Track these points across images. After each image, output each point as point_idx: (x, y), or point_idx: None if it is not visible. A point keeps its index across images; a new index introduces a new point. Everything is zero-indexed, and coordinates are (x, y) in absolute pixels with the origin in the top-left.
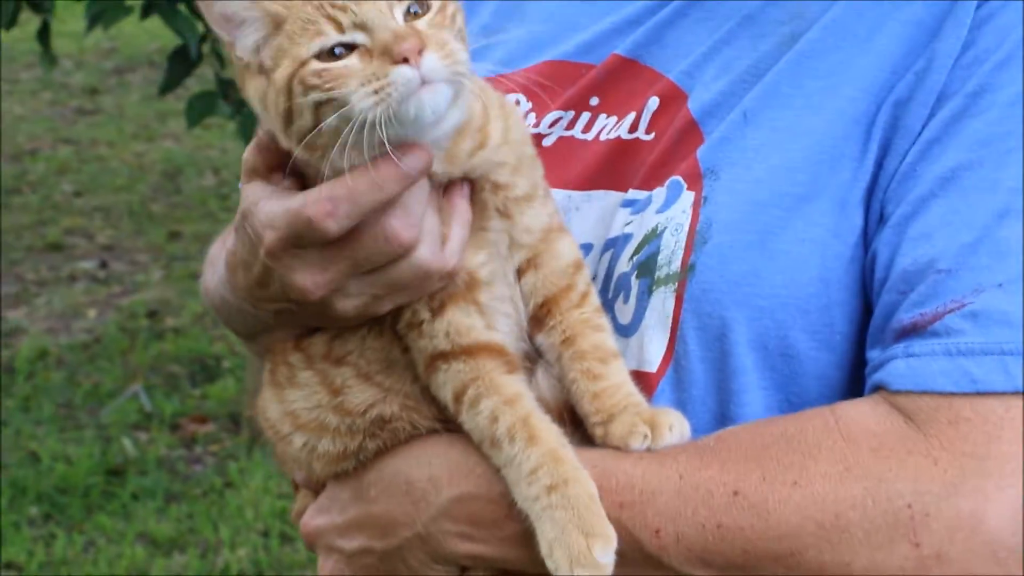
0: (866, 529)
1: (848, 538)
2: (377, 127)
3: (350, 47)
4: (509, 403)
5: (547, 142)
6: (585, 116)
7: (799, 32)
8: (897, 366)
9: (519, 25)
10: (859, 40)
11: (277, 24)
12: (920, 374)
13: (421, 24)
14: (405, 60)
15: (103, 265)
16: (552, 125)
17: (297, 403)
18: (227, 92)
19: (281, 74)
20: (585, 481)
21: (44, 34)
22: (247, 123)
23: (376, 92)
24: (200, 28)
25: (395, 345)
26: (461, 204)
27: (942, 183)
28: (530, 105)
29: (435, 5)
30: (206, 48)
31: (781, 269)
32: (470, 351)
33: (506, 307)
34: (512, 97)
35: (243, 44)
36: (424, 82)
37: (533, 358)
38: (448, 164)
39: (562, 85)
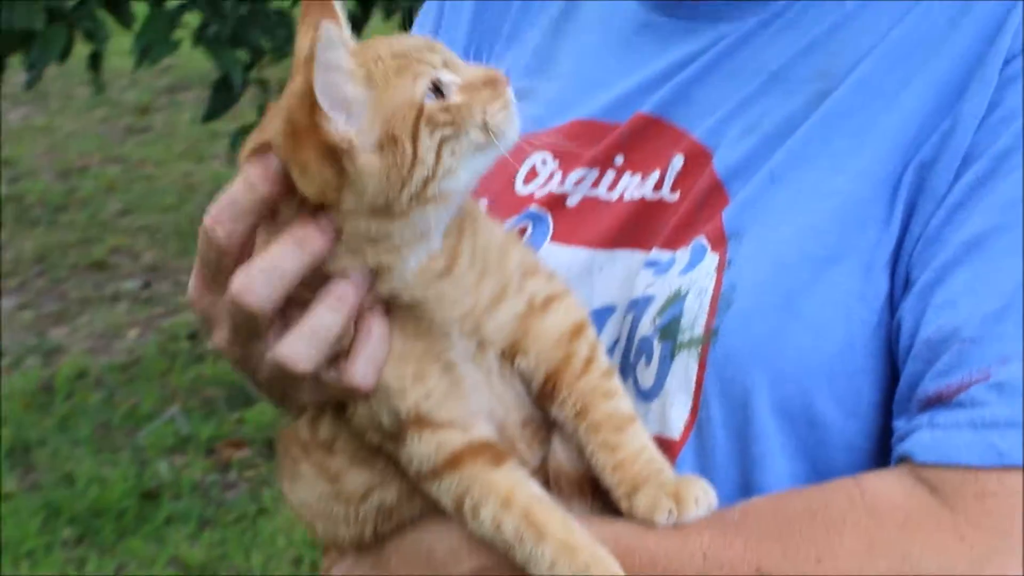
0: None
1: None
2: (494, 146)
3: (439, 89)
4: (506, 504)
5: (571, 202)
6: (610, 175)
7: (827, 90)
8: (922, 437)
9: (548, 83)
10: (886, 98)
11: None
12: (945, 446)
13: None
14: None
15: (147, 285)
16: (577, 184)
17: (306, 494)
18: None
19: (405, 124)
20: (606, 562)
21: (95, 62)
22: None
23: (502, 110)
24: (245, 58)
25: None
26: (373, 321)
27: (967, 248)
28: (556, 164)
29: None
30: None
31: (806, 332)
32: (452, 463)
33: (480, 395)
34: (539, 156)
35: (350, 122)
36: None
37: (545, 426)
38: (402, 280)
39: (589, 144)
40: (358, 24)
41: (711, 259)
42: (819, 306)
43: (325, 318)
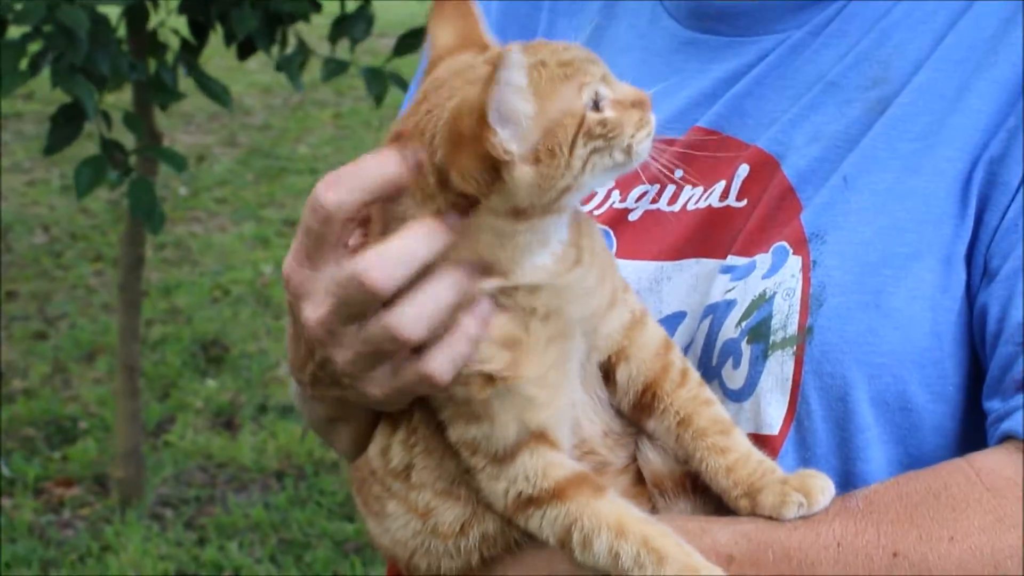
0: None
1: None
2: (629, 167)
3: (596, 101)
4: (620, 533)
5: (633, 216)
6: (670, 189)
7: (887, 96)
8: None
9: None
10: (949, 100)
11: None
12: None
13: None
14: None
15: None
16: (638, 199)
17: (399, 533)
18: (112, 156)
19: (566, 132)
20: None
21: None
22: (137, 190)
23: (646, 136)
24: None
25: (449, 458)
26: (475, 315)
27: None
28: (613, 182)
29: None
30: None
31: (897, 326)
32: (558, 493)
33: (570, 411)
34: None
35: (513, 135)
36: None
37: (625, 432)
38: (538, 272)
39: None
40: (193, 50)
41: (794, 261)
42: (907, 300)
43: (441, 294)
